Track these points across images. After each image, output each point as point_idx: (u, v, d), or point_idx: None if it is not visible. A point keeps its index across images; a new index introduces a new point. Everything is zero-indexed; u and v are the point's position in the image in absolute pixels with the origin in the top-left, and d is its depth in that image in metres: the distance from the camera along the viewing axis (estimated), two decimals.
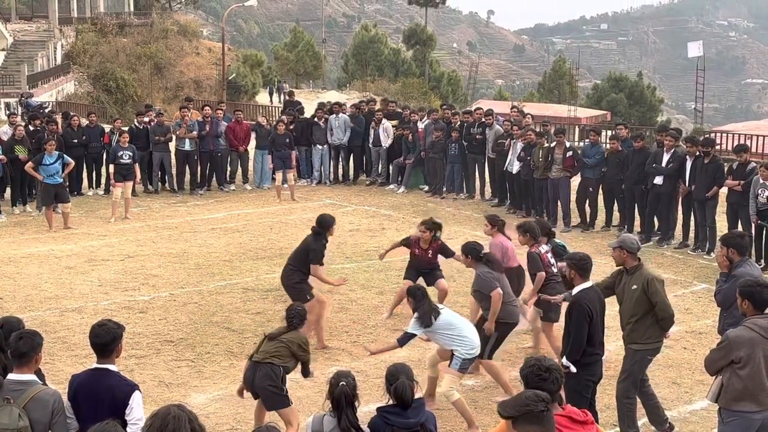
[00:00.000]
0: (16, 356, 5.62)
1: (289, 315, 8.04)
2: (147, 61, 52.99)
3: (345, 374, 5.82)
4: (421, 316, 8.40)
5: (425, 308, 8.41)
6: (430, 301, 8.58)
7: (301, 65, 70.70)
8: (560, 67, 76.06)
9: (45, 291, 12.93)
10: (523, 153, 17.97)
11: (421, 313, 8.40)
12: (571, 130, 32.21)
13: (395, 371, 5.79)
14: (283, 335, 7.90)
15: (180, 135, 20.38)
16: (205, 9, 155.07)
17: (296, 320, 8.00)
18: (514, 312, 9.34)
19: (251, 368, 7.86)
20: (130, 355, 10.15)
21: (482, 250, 9.41)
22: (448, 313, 8.62)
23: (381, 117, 21.64)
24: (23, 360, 5.63)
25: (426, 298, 8.55)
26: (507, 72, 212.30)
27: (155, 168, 20.81)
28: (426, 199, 20.30)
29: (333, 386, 5.72)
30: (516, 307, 9.45)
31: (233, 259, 14.89)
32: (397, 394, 5.64)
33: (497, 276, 9.23)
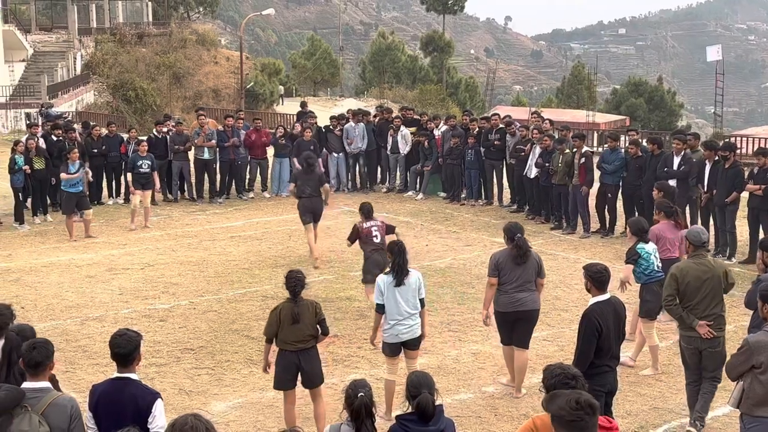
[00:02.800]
0: (32, 365, 5.66)
1: (291, 284, 8.10)
2: (166, 71, 53.25)
3: (362, 384, 5.81)
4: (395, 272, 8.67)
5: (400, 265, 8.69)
6: (405, 260, 8.77)
7: (319, 73, 70.85)
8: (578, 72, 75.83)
9: (66, 300, 13.01)
10: (541, 159, 17.91)
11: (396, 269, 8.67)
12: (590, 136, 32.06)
13: (418, 383, 5.73)
14: (301, 314, 8.01)
15: (198, 144, 20.48)
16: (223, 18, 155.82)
17: (299, 287, 8.10)
18: (506, 301, 9.34)
19: (293, 356, 8.03)
20: (151, 364, 10.18)
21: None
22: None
23: (399, 124, 21.66)
24: (38, 369, 5.67)
25: (403, 254, 8.75)
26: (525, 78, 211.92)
27: (174, 177, 20.91)
28: (445, 206, 20.29)
29: (351, 397, 5.70)
30: (508, 296, 9.34)
31: (252, 267, 14.93)
32: (420, 408, 5.60)
33: (494, 261, 9.40)
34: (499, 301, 9.36)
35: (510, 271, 9.27)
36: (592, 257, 14.64)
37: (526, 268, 9.30)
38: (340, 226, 18.25)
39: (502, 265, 9.31)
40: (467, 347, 11.00)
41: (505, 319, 9.41)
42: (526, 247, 9.33)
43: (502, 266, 9.31)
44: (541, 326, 9.85)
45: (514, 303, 9.27)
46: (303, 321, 8.03)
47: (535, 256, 9.48)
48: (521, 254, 9.27)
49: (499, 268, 9.31)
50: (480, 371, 10.19)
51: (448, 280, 13.98)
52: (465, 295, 13.22)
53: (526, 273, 9.29)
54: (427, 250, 16.09)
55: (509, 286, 9.27)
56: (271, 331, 8.13)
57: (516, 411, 9.05)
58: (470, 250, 16.16)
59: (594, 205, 17.52)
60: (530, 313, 9.40)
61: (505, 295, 9.30)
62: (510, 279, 9.26)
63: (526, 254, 9.29)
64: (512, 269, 9.27)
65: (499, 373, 10.06)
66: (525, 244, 9.32)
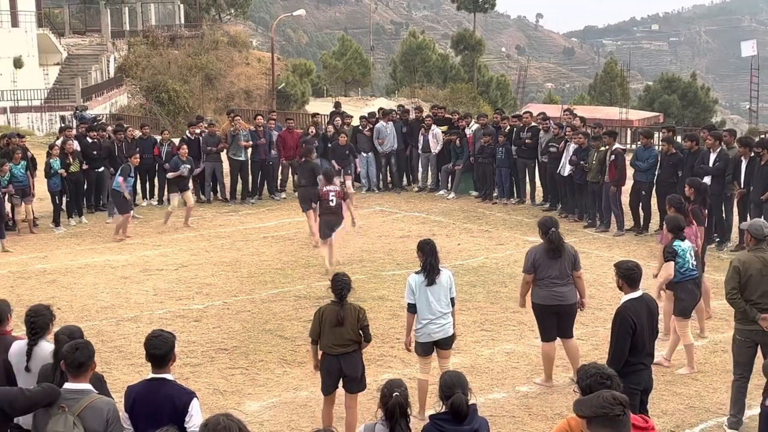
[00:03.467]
0: (74, 366, 5.68)
1: (338, 287, 8.10)
2: (198, 73, 53.53)
3: (398, 384, 5.81)
4: (426, 271, 8.66)
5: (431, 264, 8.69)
6: (437, 258, 8.79)
7: (350, 73, 70.84)
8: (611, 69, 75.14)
9: (101, 301, 13.13)
10: (575, 156, 17.80)
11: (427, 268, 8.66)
12: (624, 133, 31.81)
13: (451, 383, 5.72)
14: (345, 318, 8.02)
15: (244, 145, 20.64)
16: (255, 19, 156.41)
17: (345, 290, 8.10)
18: (547, 294, 9.35)
19: (335, 361, 8.06)
20: (185, 364, 10.25)
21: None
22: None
23: (430, 123, 21.63)
24: (80, 370, 5.70)
25: (435, 254, 8.76)
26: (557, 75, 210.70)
27: (207, 178, 21.04)
28: (476, 205, 20.22)
29: (386, 396, 5.70)
30: (548, 290, 9.36)
31: (285, 267, 14.98)
32: (454, 408, 5.59)
33: (530, 258, 9.40)
34: (539, 294, 9.40)
35: (547, 266, 9.31)
36: (626, 255, 14.52)
37: (562, 262, 9.33)
38: (371, 225, 18.28)
39: (538, 262, 9.33)
40: (500, 346, 10.96)
41: (545, 312, 9.44)
42: (559, 241, 9.35)
43: (538, 263, 9.33)
44: (575, 325, 9.79)
45: (555, 296, 9.34)
46: (346, 325, 8.04)
47: (570, 249, 9.51)
48: (555, 248, 9.30)
49: (535, 265, 9.34)
50: (514, 370, 10.15)
51: (480, 280, 13.95)
52: (498, 294, 13.18)
53: (562, 266, 9.33)
54: (459, 250, 16.05)
55: (548, 280, 9.32)
56: (315, 332, 8.17)
57: (550, 410, 9.00)
58: (503, 249, 16.10)
59: (628, 203, 17.39)
60: (572, 306, 9.51)
61: (545, 288, 9.34)
62: (548, 274, 9.31)
63: (559, 248, 9.32)
64: (549, 264, 9.31)
65: (533, 372, 10.02)
66: (558, 238, 9.34)
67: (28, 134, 29.57)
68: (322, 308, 8.22)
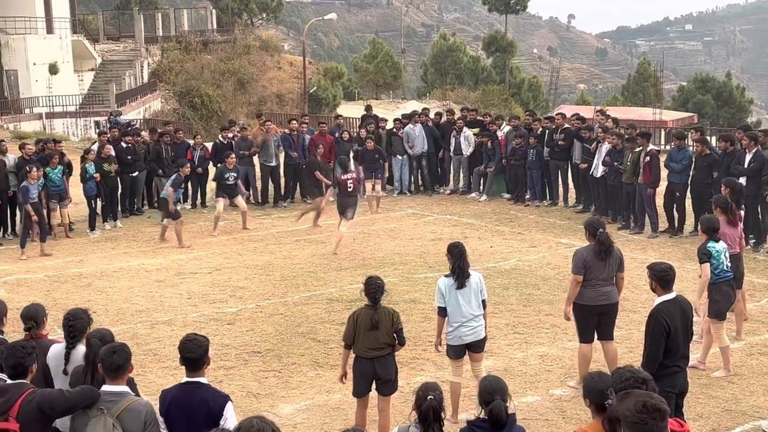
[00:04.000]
0: (112, 369, 5.73)
1: (372, 290, 8.10)
2: (230, 77, 53.85)
3: (433, 387, 5.80)
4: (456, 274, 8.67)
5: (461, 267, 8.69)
6: (466, 261, 8.78)
7: (381, 76, 70.91)
8: (644, 70, 74.59)
9: (136, 304, 13.25)
10: (608, 157, 17.68)
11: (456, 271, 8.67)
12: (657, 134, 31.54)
13: (491, 389, 5.66)
14: (380, 321, 8.03)
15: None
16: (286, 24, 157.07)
17: (379, 294, 8.11)
18: (593, 295, 9.29)
19: (369, 364, 8.08)
20: (219, 366, 10.32)
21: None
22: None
23: (462, 125, 21.60)
24: (118, 372, 5.75)
25: (464, 257, 8.74)
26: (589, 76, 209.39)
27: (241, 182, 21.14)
28: (509, 207, 20.16)
29: (421, 399, 5.69)
30: (594, 290, 9.30)
31: (317, 270, 15.03)
32: (493, 416, 5.54)
33: (581, 259, 9.32)
34: (585, 294, 9.33)
35: (596, 267, 9.26)
36: (661, 257, 14.40)
37: (610, 263, 9.30)
38: (403, 228, 18.28)
39: (588, 263, 9.27)
40: (534, 350, 10.92)
41: (589, 312, 9.38)
42: (609, 241, 9.31)
43: (589, 264, 9.27)
44: None
45: (600, 296, 9.29)
46: (380, 328, 8.05)
47: (617, 250, 9.47)
48: (605, 249, 9.25)
49: (586, 266, 9.27)
50: (547, 374, 10.10)
51: (513, 282, 13.90)
52: (531, 296, 13.13)
53: (609, 267, 9.30)
54: (492, 252, 16.01)
55: (594, 280, 9.27)
56: (349, 336, 8.16)
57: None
58: (535, 252, 16.04)
59: (662, 205, 17.24)
60: (615, 306, 9.48)
61: (591, 289, 9.28)
62: (596, 275, 9.26)
63: (609, 249, 9.28)
64: (597, 265, 9.26)
65: (567, 375, 9.97)
66: (608, 239, 9.31)
67: (64, 139, 29.89)
68: (356, 312, 8.22)
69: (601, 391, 5.34)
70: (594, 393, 5.39)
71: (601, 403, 5.33)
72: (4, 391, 5.66)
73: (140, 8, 58.44)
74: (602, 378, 5.48)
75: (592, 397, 5.39)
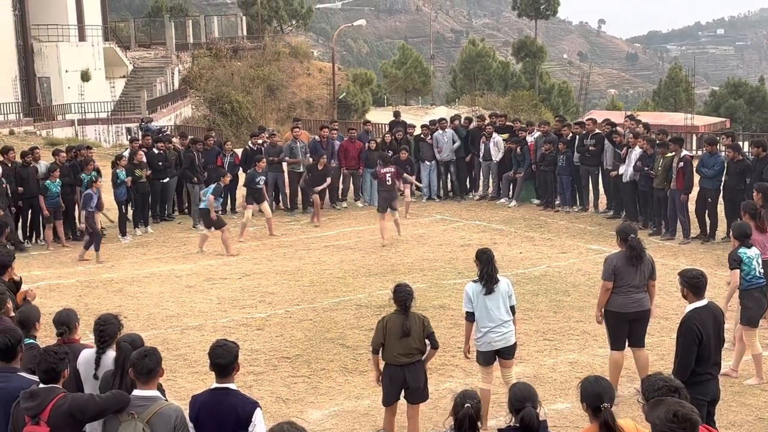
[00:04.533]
0: (144, 373, 5.76)
1: (402, 298, 8.09)
2: (260, 84, 54.16)
3: (471, 395, 5.78)
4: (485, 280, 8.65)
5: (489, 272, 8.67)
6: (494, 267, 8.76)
7: (410, 82, 71.02)
8: (676, 75, 74.16)
9: (166, 309, 13.34)
10: (640, 163, 17.54)
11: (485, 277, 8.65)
12: (689, 139, 31.28)
13: (521, 396, 5.63)
14: (411, 328, 8.02)
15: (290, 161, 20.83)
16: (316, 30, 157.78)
17: (409, 300, 8.10)
18: (624, 302, 9.20)
19: (399, 371, 8.07)
20: (248, 372, 10.35)
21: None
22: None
23: (491, 131, 21.53)
24: (149, 376, 5.78)
25: (492, 263, 8.72)
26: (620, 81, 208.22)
27: (269, 188, 21.22)
28: (538, 213, 20.06)
29: (458, 406, 5.68)
30: (626, 297, 9.21)
31: (346, 276, 15.04)
32: (524, 423, 5.52)
33: (611, 265, 9.23)
34: (616, 301, 9.23)
35: (627, 273, 9.17)
36: (693, 263, 14.26)
37: (641, 269, 9.20)
38: (432, 234, 18.26)
39: (619, 269, 9.18)
40: (564, 356, 10.85)
41: (620, 320, 9.28)
42: (640, 247, 9.21)
43: (619, 270, 9.18)
44: None
45: (632, 303, 9.20)
46: (412, 335, 8.04)
47: (649, 257, 9.39)
48: (636, 255, 9.16)
49: (616, 272, 9.18)
50: (577, 380, 9.92)
51: (543, 288, 13.83)
52: (561, 303, 13.05)
53: (641, 274, 9.20)
54: (521, 258, 15.94)
55: (626, 287, 9.17)
56: (378, 341, 8.15)
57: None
58: (565, 258, 15.95)
59: (694, 210, 17.09)
60: (646, 313, 9.38)
61: (623, 296, 9.19)
62: (627, 281, 9.16)
63: (641, 255, 9.19)
64: (628, 271, 9.16)
65: None
66: (639, 245, 9.22)
67: (95, 146, 30.19)
68: (385, 318, 8.21)
69: (597, 395, 5.43)
70: (590, 397, 5.46)
71: (596, 406, 5.39)
72: (36, 395, 5.71)
73: (171, 16, 58.97)
74: (599, 382, 5.55)
75: (589, 400, 5.46)
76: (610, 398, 5.39)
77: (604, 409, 5.31)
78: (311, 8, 71.01)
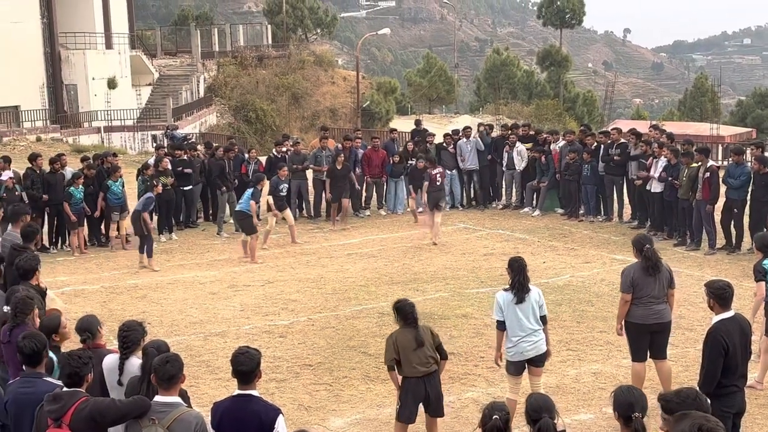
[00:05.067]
0: (165, 379, 5.78)
1: (408, 311, 8.18)
2: (285, 92, 54.35)
3: (500, 407, 5.75)
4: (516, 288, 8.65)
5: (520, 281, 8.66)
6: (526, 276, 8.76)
7: (434, 90, 70.97)
8: (701, 84, 73.65)
9: (190, 316, 13.39)
10: (665, 173, 17.44)
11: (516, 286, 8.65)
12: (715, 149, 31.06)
13: (537, 407, 5.60)
14: (423, 340, 8.06)
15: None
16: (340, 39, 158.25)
17: (416, 312, 8.22)
18: (644, 313, 9.14)
19: (420, 384, 8.08)
20: (271, 379, 10.37)
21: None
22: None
23: (515, 140, 21.48)
24: (171, 382, 5.80)
25: (524, 271, 8.72)
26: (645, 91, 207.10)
27: (293, 195, 21.28)
28: (562, 222, 19.98)
29: (486, 417, 5.65)
30: (646, 308, 9.14)
31: (369, 284, 15.04)
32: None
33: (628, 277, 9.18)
34: (636, 313, 9.17)
35: (645, 284, 9.11)
36: (718, 274, 14.15)
37: (659, 280, 9.15)
38: (454, 243, 18.23)
39: (636, 281, 9.13)
40: (587, 366, 10.79)
41: (641, 331, 9.22)
42: (656, 257, 9.17)
43: (636, 281, 9.13)
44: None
45: (653, 315, 9.14)
46: (425, 345, 8.08)
47: (667, 267, 9.33)
48: (652, 265, 9.11)
49: (633, 284, 9.13)
50: (600, 391, 9.96)
51: (566, 298, 13.76)
52: (584, 313, 12.98)
53: (659, 284, 9.15)
54: (545, 268, 15.87)
55: (646, 298, 9.12)
56: (391, 357, 8.16)
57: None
58: (589, 268, 15.87)
59: (719, 221, 16.95)
60: (667, 324, 9.32)
61: (643, 307, 9.13)
62: (646, 292, 9.11)
63: (657, 265, 9.14)
64: (646, 282, 9.11)
65: None
66: (655, 255, 9.17)
67: (121, 153, 30.41)
68: (393, 335, 8.24)
69: (629, 404, 5.44)
70: (622, 406, 5.46)
71: (628, 415, 5.40)
72: (59, 398, 5.76)
73: (197, 24, 59.35)
74: (631, 391, 5.56)
75: (621, 409, 5.46)
76: (641, 408, 5.40)
77: (635, 419, 5.33)
78: (336, 17, 71.29)
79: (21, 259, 8.87)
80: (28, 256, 8.94)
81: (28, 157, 18.39)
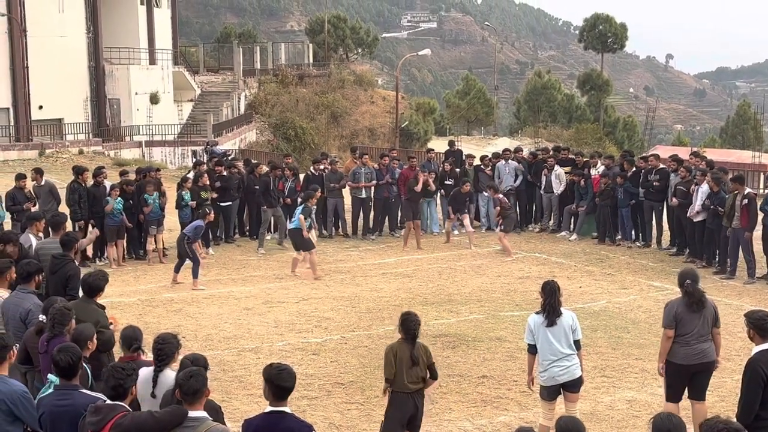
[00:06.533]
0: (189, 393, 5.80)
1: (412, 327, 8.24)
2: (324, 110, 54.68)
3: (527, 431, 5.74)
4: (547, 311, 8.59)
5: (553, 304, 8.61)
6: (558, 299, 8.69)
7: (473, 112, 71.04)
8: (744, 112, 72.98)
9: (224, 331, 13.45)
10: (708, 201, 17.20)
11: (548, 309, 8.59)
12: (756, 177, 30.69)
13: (566, 429, 5.58)
14: (419, 356, 8.16)
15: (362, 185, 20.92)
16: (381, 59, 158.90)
17: (418, 330, 8.29)
18: (688, 353, 8.82)
19: (410, 399, 8.15)
20: (303, 396, 10.37)
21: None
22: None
23: (554, 163, 21.40)
24: (196, 397, 5.82)
25: (555, 294, 8.65)
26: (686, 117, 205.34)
27: (329, 214, 21.34)
28: (599, 247, 19.80)
29: None
30: (689, 347, 8.82)
31: (403, 304, 14.99)
32: None
33: (671, 311, 8.92)
34: (679, 353, 8.81)
35: (688, 321, 8.76)
36: (757, 304, 13.94)
37: (704, 317, 8.79)
38: (490, 265, 18.15)
39: (680, 316, 8.79)
40: (622, 394, 10.66)
41: (681, 373, 8.88)
42: (699, 294, 8.81)
43: (680, 316, 8.79)
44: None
45: (697, 355, 8.79)
46: (420, 363, 8.15)
47: (712, 304, 8.98)
48: (696, 301, 8.77)
49: (677, 319, 8.79)
50: (635, 419, 9.84)
51: (602, 324, 13.63)
52: (620, 339, 12.84)
53: (704, 321, 8.79)
54: (581, 293, 15.75)
55: (689, 336, 8.77)
56: (391, 371, 8.18)
57: None
58: (626, 294, 15.71)
59: (761, 250, 16.70)
60: (711, 365, 8.95)
61: (686, 346, 8.78)
62: (689, 329, 8.76)
63: (700, 301, 8.78)
64: (690, 319, 8.77)
65: None
66: (697, 291, 8.80)
67: (162, 167, 30.72)
68: (393, 347, 8.26)
69: (668, 431, 5.38)
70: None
71: None
72: (100, 410, 5.80)
73: (240, 42, 60.01)
74: (671, 419, 5.48)
75: None
76: None
77: None
78: (377, 37, 71.69)
79: (91, 276, 8.91)
80: (98, 275, 8.92)
81: (75, 171, 18.64)
